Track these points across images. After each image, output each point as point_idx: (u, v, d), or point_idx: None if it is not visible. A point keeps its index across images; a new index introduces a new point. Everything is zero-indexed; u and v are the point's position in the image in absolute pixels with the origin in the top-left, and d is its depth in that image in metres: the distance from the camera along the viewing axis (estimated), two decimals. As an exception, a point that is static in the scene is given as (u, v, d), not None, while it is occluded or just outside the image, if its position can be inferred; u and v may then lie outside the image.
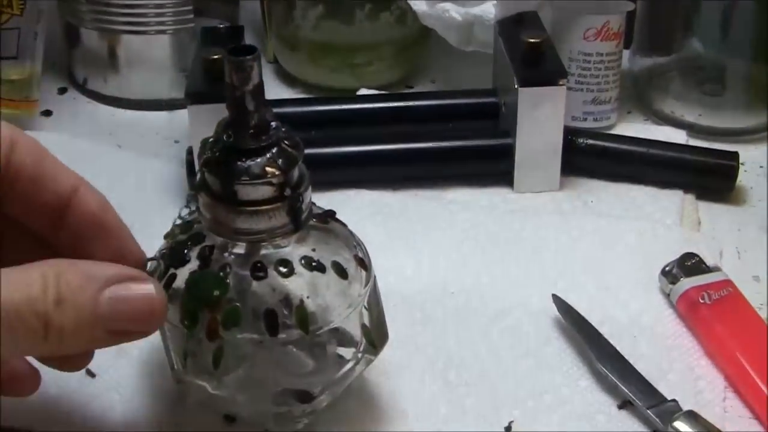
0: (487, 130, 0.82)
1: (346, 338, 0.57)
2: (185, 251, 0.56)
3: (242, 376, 0.57)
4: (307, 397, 0.57)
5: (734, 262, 0.73)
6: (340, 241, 0.58)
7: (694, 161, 0.80)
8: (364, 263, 0.57)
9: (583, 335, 0.64)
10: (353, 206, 0.77)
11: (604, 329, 0.65)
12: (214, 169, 0.54)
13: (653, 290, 0.70)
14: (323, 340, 0.56)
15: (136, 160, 0.86)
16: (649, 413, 0.60)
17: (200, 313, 0.54)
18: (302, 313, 0.54)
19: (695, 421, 0.58)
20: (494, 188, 0.80)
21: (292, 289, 0.55)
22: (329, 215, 0.59)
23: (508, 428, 0.60)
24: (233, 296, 0.54)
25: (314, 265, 0.55)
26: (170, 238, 0.58)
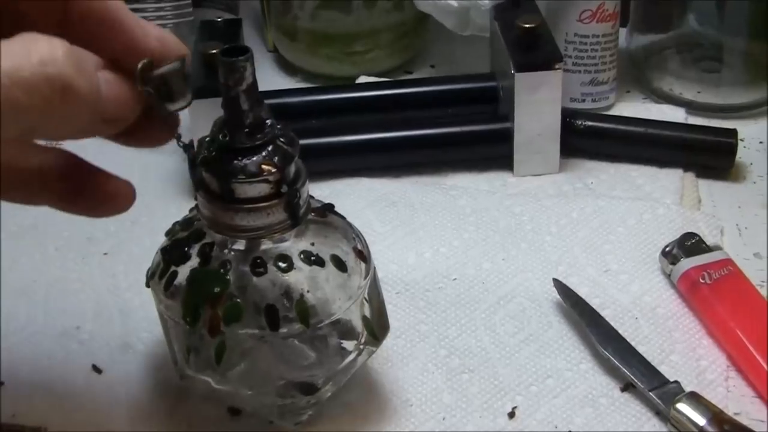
0: (486, 114, 0.82)
1: (347, 330, 0.58)
2: (186, 248, 0.57)
3: (245, 370, 0.57)
4: (310, 389, 0.58)
5: (735, 239, 0.73)
6: (338, 234, 0.58)
7: (692, 140, 0.80)
8: (363, 255, 0.58)
9: (584, 318, 0.65)
10: (354, 195, 0.78)
11: (605, 312, 0.66)
12: (210, 168, 0.54)
13: (654, 271, 0.70)
14: (324, 332, 0.56)
15: (138, 155, 0.85)
16: (651, 395, 0.60)
17: (201, 309, 0.54)
18: (302, 307, 0.55)
19: (698, 402, 0.59)
20: (494, 172, 0.80)
21: (292, 283, 0.55)
22: (327, 209, 0.59)
23: (511, 414, 0.61)
24: (234, 292, 0.55)
25: (313, 259, 0.55)
26: (171, 235, 0.59)
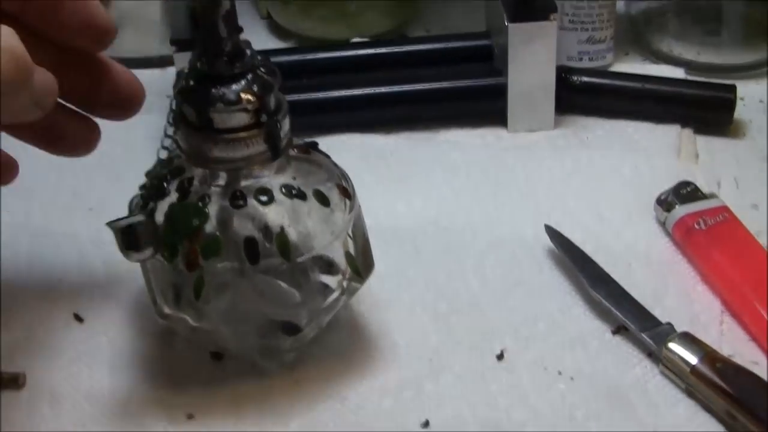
0: (480, 71, 0.81)
1: (329, 267, 0.56)
2: (164, 184, 0.55)
3: (226, 308, 0.56)
4: (293, 329, 0.57)
5: (732, 191, 0.72)
6: (322, 170, 0.57)
7: (691, 95, 0.79)
8: (347, 191, 0.57)
9: (576, 263, 0.63)
10: (345, 150, 0.76)
11: (598, 258, 0.64)
12: (188, 97, 0.53)
13: (648, 219, 0.68)
14: (306, 268, 0.55)
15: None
16: (643, 336, 0.59)
17: (180, 244, 0.53)
18: (283, 240, 0.53)
19: (690, 341, 0.57)
20: (488, 128, 0.79)
21: (272, 218, 0.54)
22: (311, 146, 0.58)
23: (500, 356, 0.59)
24: (214, 227, 0.54)
25: (295, 192, 0.54)
26: (151, 173, 0.58)
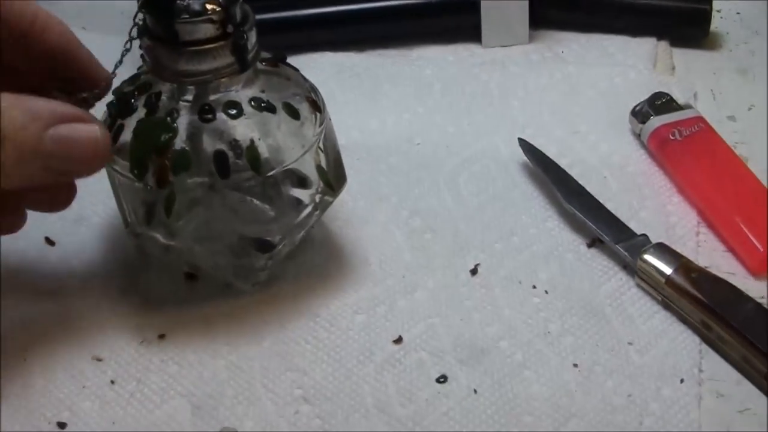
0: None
1: (301, 181, 0.55)
2: (132, 101, 0.54)
3: (198, 226, 0.55)
4: (266, 246, 0.56)
5: (709, 103, 0.71)
6: (291, 83, 0.56)
7: (667, 7, 0.78)
8: (317, 105, 0.56)
9: (550, 176, 0.63)
10: (318, 68, 0.75)
11: (573, 171, 0.64)
12: (153, 9, 0.52)
13: (624, 132, 0.68)
14: (277, 182, 0.54)
15: (102, 40, 0.83)
16: (618, 248, 0.58)
17: (149, 159, 0.52)
18: (253, 154, 0.53)
19: (665, 252, 0.57)
20: (462, 44, 0.78)
21: (242, 132, 0.53)
22: (279, 59, 0.57)
23: (474, 270, 0.59)
24: (183, 143, 0.53)
25: (264, 105, 0.53)
26: (118, 92, 0.57)
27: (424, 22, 0.78)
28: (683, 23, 0.77)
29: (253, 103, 0.53)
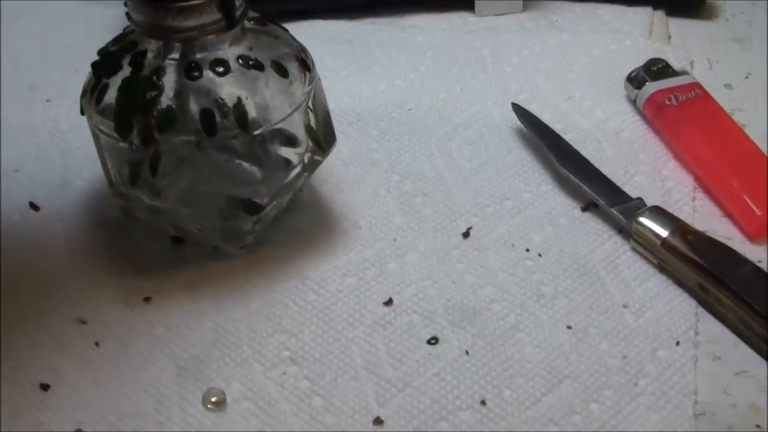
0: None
1: (289, 140, 0.54)
2: (118, 60, 0.53)
3: (185, 188, 0.54)
4: (254, 207, 0.55)
5: (706, 71, 0.70)
6: (280, 42, 0.55)
7: (662, -24, 0.77)
8: (306, 64, 0.54)
9: (544, 140, 0.62)
10: (309, 36, 0.72)
11: (567, 137, 0.63)
12: (139, -36, 0.50)
13: (619, 98, 0.67)
14: (265, 141, 0.53)
15: (83, 5, 0.83)
16: (613, 211, 0.57)
17: (134, 118, 0.51)
18: (241, 111, 0.51)
19: (661, 215, 0.56)
20: (455, 13, 0.77)
21: (229, 90, 0.52)
22: (268, 18, 0.56)
23: (466, 234, 0.58)
24: (169, 101, 0.51)
25: (252, 63, 0.52)
26: (104, 50, 0.55)
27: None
28: (679, -7, 0.76)
29: (240, 60, 0.52)
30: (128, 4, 0.52)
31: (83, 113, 0.54)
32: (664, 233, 0.55)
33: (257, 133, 0.52)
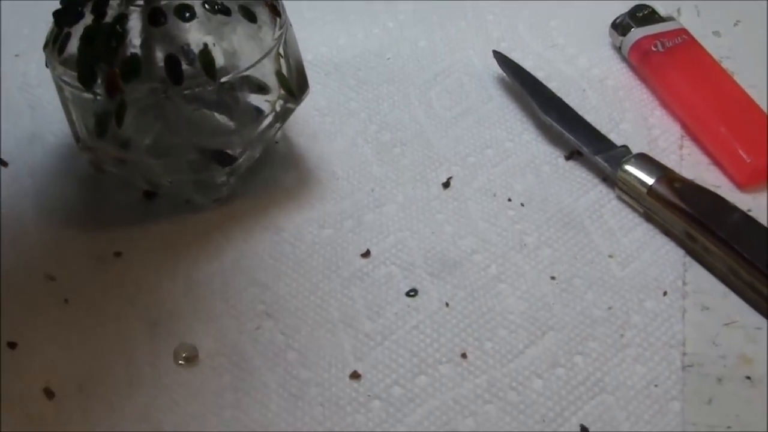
0: None
1: (260, 87, 0.52)
2: (79, 8, 0.51)
3: (154, 139, 0.52)
4: (227, 159, 0.53)
5: (693, 19, 0.68)
6: (249, -14, 0.53)
7: None
8: (275, 8, 0.53)
9: (526, 88, 0.60)
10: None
11: (551, 84, 0.61)
12: None
13: (604, 45, 0.65)
14: (234, 88, 0.51)
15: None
16: (597, 159, 0.55)
17: (98, 67, 0.49)
18: (207, 57, 0.50)
19: (647, 162, 0.54)
20: (434, -37, 0.74)
21: (195, 36, 0.50)
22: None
23: (446, 183, 0.56)
24: (134, 50, 0.49)
25: (218, 8, 0.50)
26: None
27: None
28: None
29: (206, 6, 0.50)
30: (92, -52, 0.50)
31: (48, 65, 0.52)
32: (650, 181, 0.53)
33: (225, 80, 0.50)
